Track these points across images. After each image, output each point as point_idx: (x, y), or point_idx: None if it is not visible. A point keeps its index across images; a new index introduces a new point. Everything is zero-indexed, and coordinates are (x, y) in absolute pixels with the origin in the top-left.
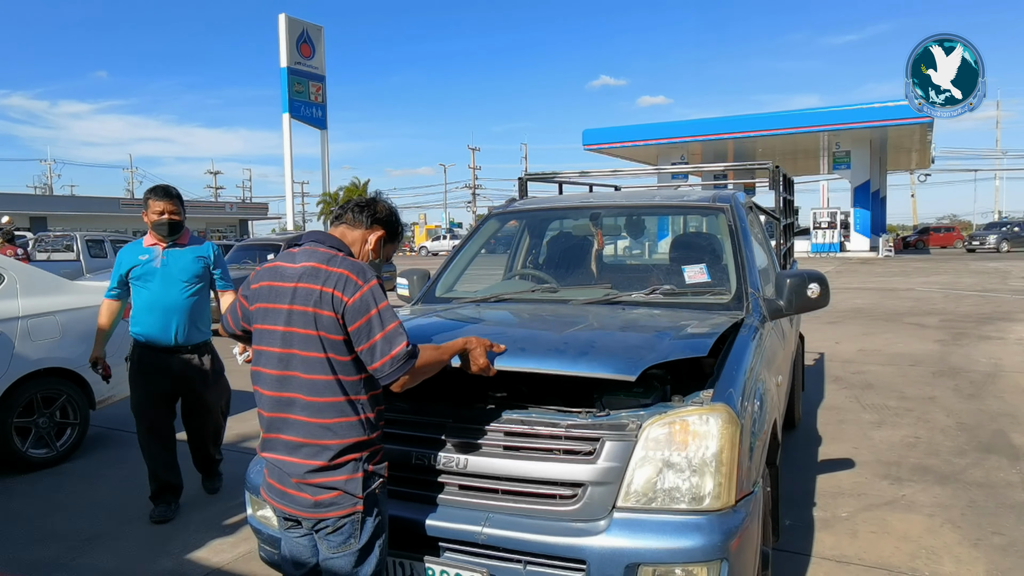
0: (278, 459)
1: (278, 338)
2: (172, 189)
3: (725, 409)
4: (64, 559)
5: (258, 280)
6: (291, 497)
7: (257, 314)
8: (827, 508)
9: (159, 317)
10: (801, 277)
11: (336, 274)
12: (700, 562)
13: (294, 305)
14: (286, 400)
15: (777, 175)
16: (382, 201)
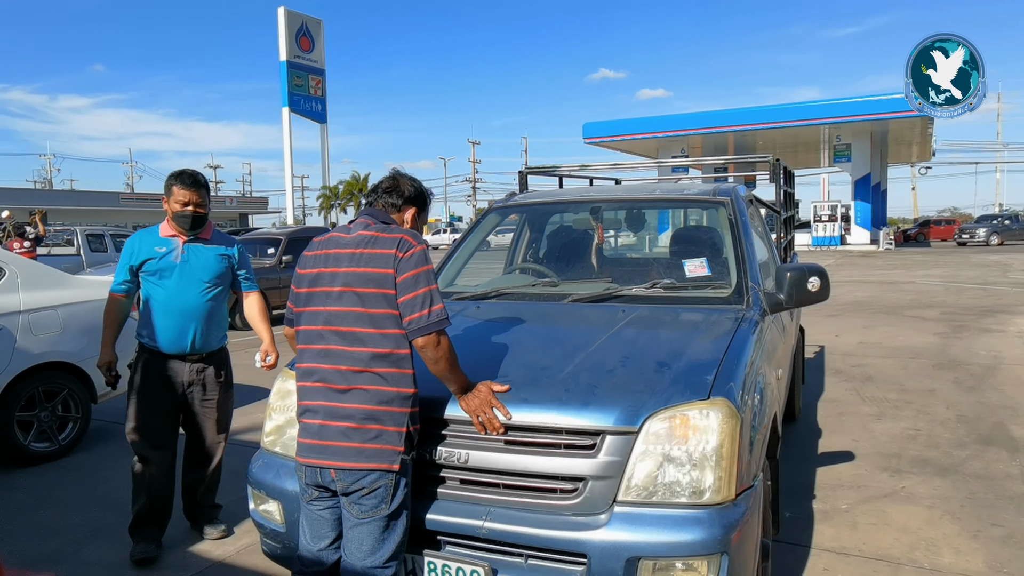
0: (326, 405)
1: (334, 297)
2: (200, 176)
3: (725, 403)
4: (67, 552)
5: (312, 250)
6: (334, 450)
7: (310, 279)
8: (827, 500)
9: (175, 320)
10: (801, 270)
11: (393, 239)
12: (700, 555)
13: (352, 267)
14: (336, 353)
15: (778, 168)
16: (403, 178)
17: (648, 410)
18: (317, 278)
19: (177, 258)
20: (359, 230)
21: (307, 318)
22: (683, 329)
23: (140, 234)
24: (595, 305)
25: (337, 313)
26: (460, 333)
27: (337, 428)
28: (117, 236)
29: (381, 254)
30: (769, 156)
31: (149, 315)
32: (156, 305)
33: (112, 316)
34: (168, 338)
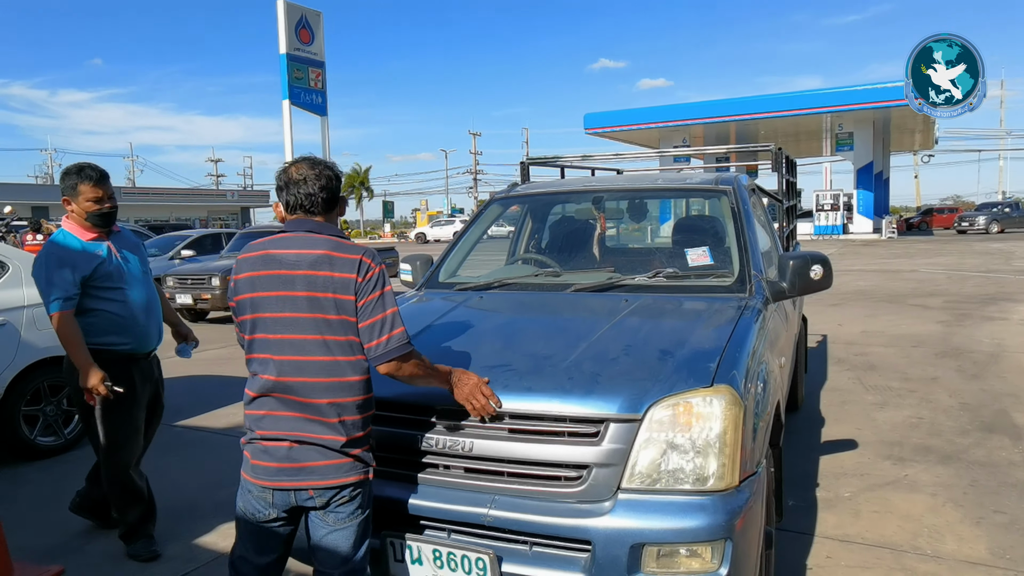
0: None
1: (287, 323)
2: (102, 168)
3: (728, 391)
4: (74, 545)
5: (253, 269)
6: (312, 469)
7: (255, 303)
8: (830, 488)
9: (143, 320)
10: (804, 259)
11: (351, 260)
12: (704, 542)
13: (309, 291)
14: (293, 384)
15: (780, 157)
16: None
17: (651, 398)
18: (264, 302)
19: (118, 258)
20: (306, 248)
21: (259, 345)
22: (686, 317)
23: (62, 246)
24: (598, 294)
25: (292, 341)
26: (463, 324)
27: (311, 449)
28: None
29: (341, 278)
30: (771, 145)
31: (114, 324)
32: (122, 309)
33: (78, 336)
34: (143, 339)
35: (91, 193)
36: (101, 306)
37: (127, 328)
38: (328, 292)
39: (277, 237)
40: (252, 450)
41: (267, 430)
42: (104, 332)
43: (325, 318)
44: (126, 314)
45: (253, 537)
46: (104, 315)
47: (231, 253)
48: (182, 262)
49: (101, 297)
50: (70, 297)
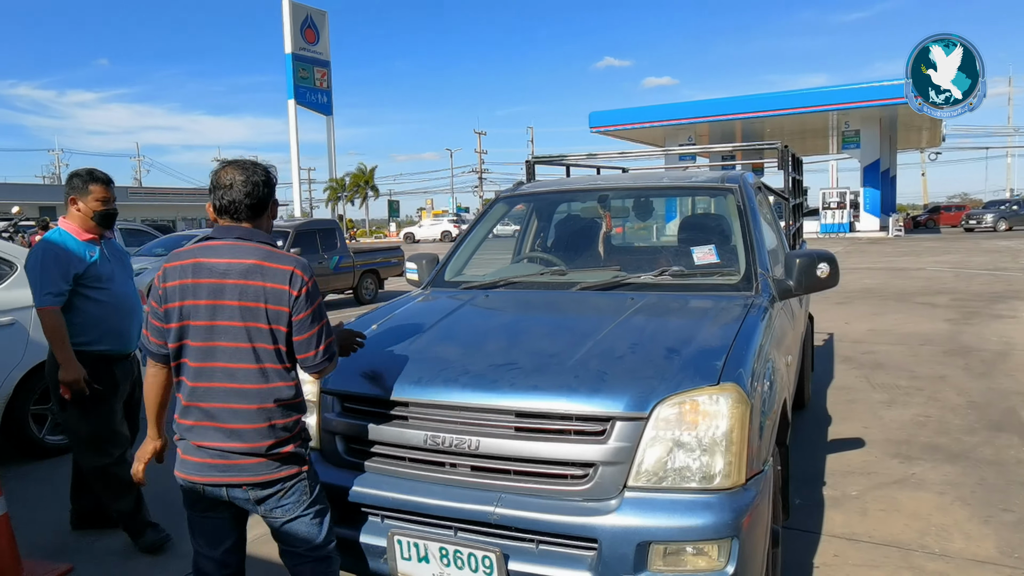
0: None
1: (219, 331)
2: (108, 175)
3: (735, 389)
4: (83, 543)
5: (174, 272)
6: (243, 467)
7: (183, 312)
8: (837, 487)
9: (127, 319)
10: (810, 257)
11: (284, 271)
12: (711, 540)
13: (243, 301)
14: (235, 390)
15: (786, 155)
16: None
17: (658, 396)
18: (195, 310)
19: (110, 260)
20: (236, 256)
21: (189, 353)
22: (692, 316)
23: (58, 244)
24: (604, 293)
25: (224, 348)
26: (469, 322)
27: (242, 448)
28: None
29: (273, 288)
30: (777, 143)
31: (101, 322)
32: (108, 309)
33: (64, 331)
34: (121, 341)
35: (100, 193)
36: (86, 306)
37: (109, 328)
38: (260, 302)
39: (206, 245)
40: (184, 447)
41: (199, 440)
42: (87, 331)
43: (257, 327)
44: (107, 315)
45: (200, 530)
46: (87, 315)
47: None
48: None
49: (87, 297)
50: (60, 293)
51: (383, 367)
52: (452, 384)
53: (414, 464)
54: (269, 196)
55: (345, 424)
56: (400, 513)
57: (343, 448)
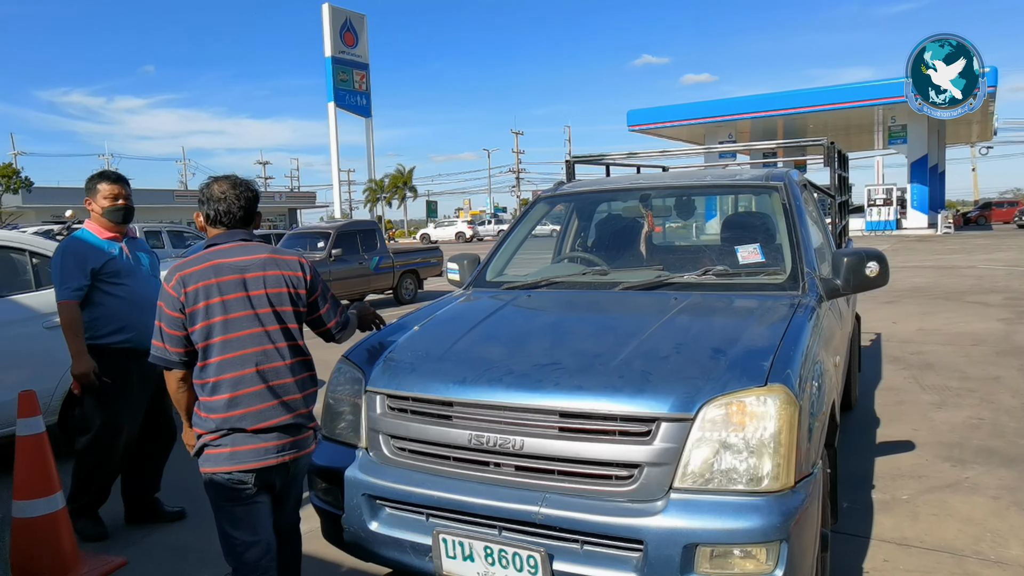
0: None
1: (269, 317)
2: (122, 174)
3: (783, 390)
4: (136, 537)
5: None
6: (291, 445)
7: (213, 309)
8: (886, 490)
9: (148, 315)
10: (859, 255)
11: (292, 260)
12: (759, 543)
13: (267, 289)
14: (276, 368)
15: (832, 151)
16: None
17: (704, 397)
18: (221, 306)
19: (130, 257)
20: (249, 253)
21: (229, 345)
22: (738, 316)
23: (79, 240)
24: (646, 293)
25: (258, 335)
26: (512, 322)
27: (291, 427)
28: (173, 233)
29: (290, 276)
30: (823, 139)
31: (118, 315)
32: (125, 304)
33: (79, 324)
34: (146, 332)
35: (108, 191)
36: (105, 300)
37: (129, 322)
38: (283, 287)
39: (216, 249)
40: (233, 440)
41: (256, 423)
42: (108, 324)
43: (284, 310)
44: (128, 308)
45: (245, 521)
46: (107, 308)
47: None
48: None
49: (106, 291)
50: (79, 287)
51: (427, 367)
52: (496, 384)
53: (459, 463)
54: (256, 207)
55: (390, 423)
56: (445, 512)
57: (388, 447)
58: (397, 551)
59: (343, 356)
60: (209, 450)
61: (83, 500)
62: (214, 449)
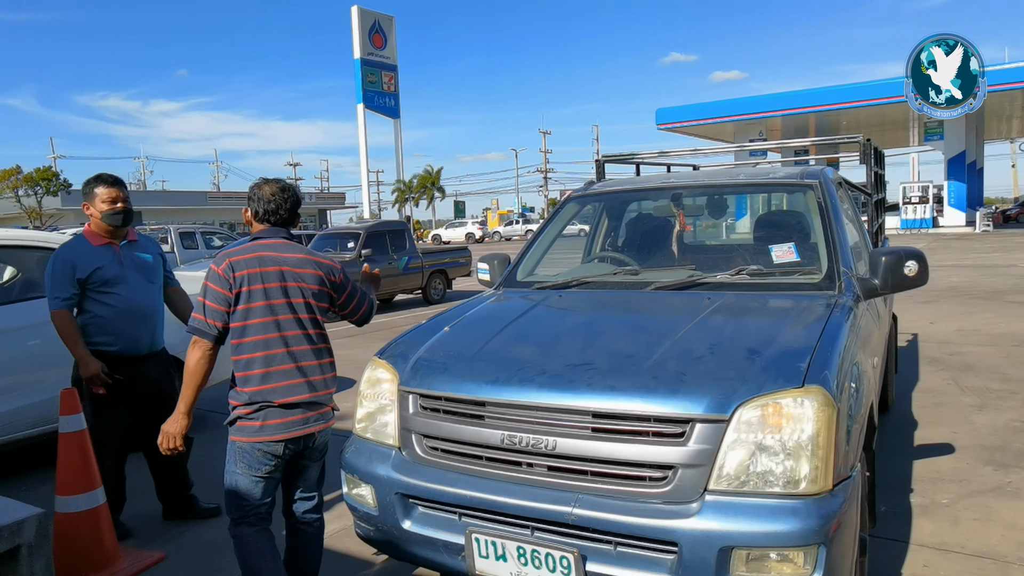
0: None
1: (302, 307)
2: (119, 176)
3: (821, 391)
4: (173, 533)
5: (242, 262)
6: (315, 419)
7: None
8: (925, 494)
9: (137, 323)
10: (897, 254)
11: (327, 264)
12: (797, 546)
13: (301, 283)
14: (306, 351)
15: (868, 149)
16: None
17: (739, 398)
18: (263, 293)
19: (123, 263)
20: (288, 252)
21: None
22: (773, 316)
23: (71, 248)
24: (679, 293)
25: (291, 320)
26: (544, 322)
27: (316, 404)
28: (206, 234)
29: (318, 275)
30: (859, 136)
31: (107, 324)
32: (114, 312)
33: (76, 331)
34: (130, 342)
35: (106, 194)
36: (95, 308)
37: (117, 331)
38: (315, 285)
39: (261, 243)
40: (263, 415)
41: (284, 397)
42: (95, 333)
43: (314, 303)
44: (116, 318)
45: (262, 489)
46: (96, 317)
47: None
48: None
49: (96, 300)
50: (68, 297)
51: (460, 367)
52: (529, 384)
53: (491, 463)
54: (297, 210)
55: (423, 422)
56: (478, 511)
57: (421, 446)
58: (430, 550)
59: (375, 355)
60: (242, 422)
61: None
62: (247, 421)
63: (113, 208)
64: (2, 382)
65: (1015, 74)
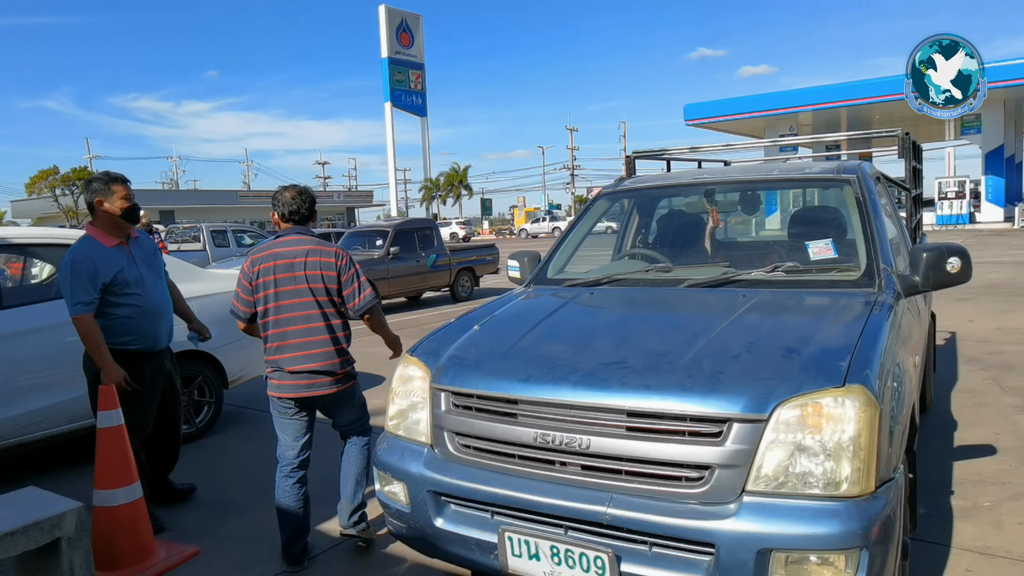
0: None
1: (305, 291)
2: (122, 174)
3: (863, 391)
4: (208, 527)
5: (260, 260)
6: (320, 384)
7: (268, 284)
8: (966, 497)
9: (157, 320)
10: (939, 250)
11: (329, 252)
12: (838, 549)
13: (308, 271)
14: (309, 328)
15: (907, 142)
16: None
17: (778, 397)
18: (275, 283)
19: (135, 263)
20: (298, 245)
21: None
22: (811, 314)
23: (87, 252)
24: (713, 290)
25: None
26: (575, 320)
27: (320, 373)
28: (238, 232)
29: (326, 262)
30: (897, 130)
31: (130, 325)
32: (137, 312)
33: (99, 337)
34: (154, 338)
35: (124, 191)
36: (116, 311)
37: (139, 330)
38: (317, 271)
39: (278, 242)
40: (278, 376)
41: (291, 366)
42: (119, 334)
43: (317, 287)
44: (138, 317)
45: (288, 429)
46: (119, 319)
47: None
48: None
49: (117, 303)
50: (91, 301)
51: (492, 365)
52: (562, 382)
53: (523, 461)
54: (313, 208)
55: (455, 420)
56: (510, 510)
57: (453, 444)
58: (462, 548)
59: (407, 353)
60: (269, 380)
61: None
62: (271, 379)
63: (131, 205)
64: (40, 378)
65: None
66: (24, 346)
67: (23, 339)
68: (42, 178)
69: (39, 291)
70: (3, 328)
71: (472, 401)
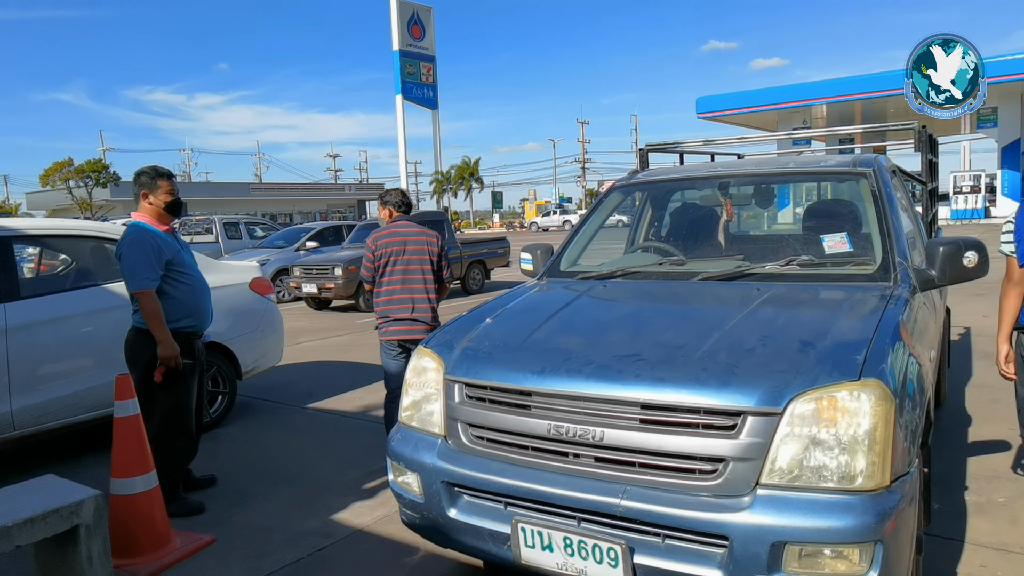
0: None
1: (414, 262)
2: (168, 168)
3: (878, 385)
4: (222, 516)
5: (381, 239)
6: (415, 330)
7: (391, 254)
8: (981, 492)
9: (205, 302)
10: (956, 244)
11: (432, 236)
12: (852, 543)
13: (417, 247)
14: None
15: (923, 136)
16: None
17: (793, 391)
18: (392, 255)
19: (181, 247)
20: (410, 229)
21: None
22: (826, 307)
23: (149, 232)
24: (727, 283)
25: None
26: (589, 313)
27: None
28: (250, 224)
29: (431, 242)
30: (913, 123)
31: (186, 303)
32: (190, 291)
33: (161, 311)
34: (203, 317)
35: (168, 186)
36: (174, 290)
37: (191, 310)
38: (422, 247)
39: (395, 226)
40: (385, 323)
41: (397, 314)
42: (176, 312)
43: (420, 259)
44: (191, 297)
45: (393, 367)
46: (173, 298)
47: (353, 244)
48: (306, 253)
49: (176, 280)
50: (156, 276)
51: (505, 356)
52: (575, 374)
53: (537, 453)
54: (411, 204)
55: (468, 411)
56: (524, 501)
57: (467, 435)
58: (475, 538)
59: (421, 344)
60: (380, 327)
61: (177, 479)
62: (383, 327)
63: (175, 200)
64: (56, 368)
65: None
66: (43, 335)
67: (43, 328)
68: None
69: (58, 281)
70: (23, 318)
71: (486, 393)
